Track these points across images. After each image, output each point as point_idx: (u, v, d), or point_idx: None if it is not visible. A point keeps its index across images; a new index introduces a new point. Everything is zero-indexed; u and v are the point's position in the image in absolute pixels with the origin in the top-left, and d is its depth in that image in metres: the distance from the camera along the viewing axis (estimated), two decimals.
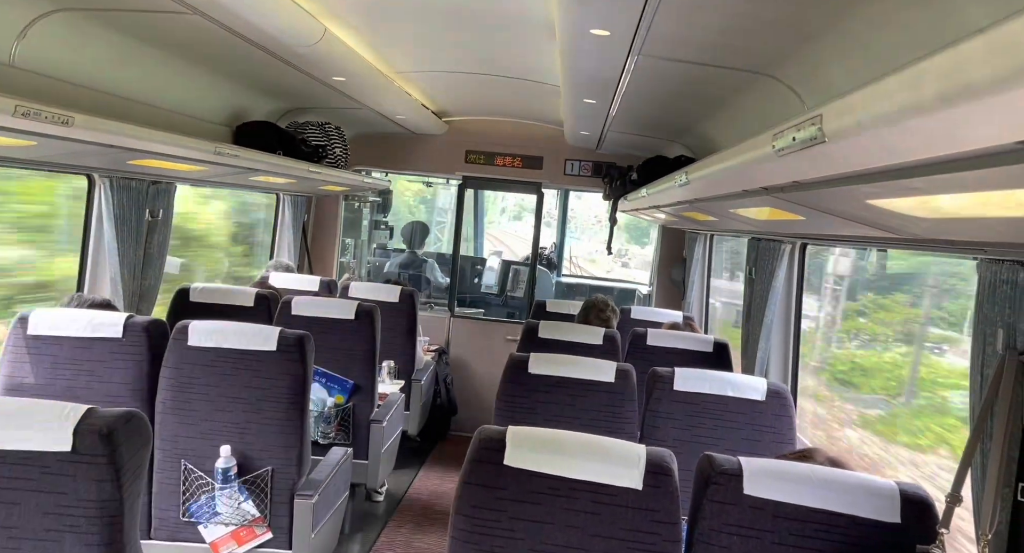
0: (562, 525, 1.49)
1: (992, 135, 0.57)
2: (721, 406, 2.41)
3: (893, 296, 3.48)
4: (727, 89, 2.63)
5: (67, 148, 2.18)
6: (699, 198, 2.15)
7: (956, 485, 1.38)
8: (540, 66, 3.55)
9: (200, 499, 2.43)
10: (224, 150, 2.81)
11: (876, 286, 3.58)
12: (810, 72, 2.00)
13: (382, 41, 3.25)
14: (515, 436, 1.54)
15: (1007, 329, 1.30)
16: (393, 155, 5.56)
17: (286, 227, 5.13)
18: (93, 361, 2.41)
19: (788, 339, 3.10)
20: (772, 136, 1.05)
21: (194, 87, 3.22)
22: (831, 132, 0.80)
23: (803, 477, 1.45)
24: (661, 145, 4.40)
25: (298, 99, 4.08)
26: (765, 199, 1.56)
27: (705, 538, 1.47)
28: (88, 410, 1.44)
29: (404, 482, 4.51)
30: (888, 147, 0.72)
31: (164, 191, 3.33)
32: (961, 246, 1.33)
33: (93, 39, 2.44)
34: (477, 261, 6.88)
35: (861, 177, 0.94)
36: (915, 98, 0.59)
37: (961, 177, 0.73)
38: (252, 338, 2.47)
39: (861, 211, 1.19)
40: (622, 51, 2.30)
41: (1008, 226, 0.89)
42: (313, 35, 2.63)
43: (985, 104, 0.52)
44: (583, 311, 3.69)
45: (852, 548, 1.40)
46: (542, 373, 2.54)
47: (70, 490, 1.40)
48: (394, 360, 4.12)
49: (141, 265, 3.22)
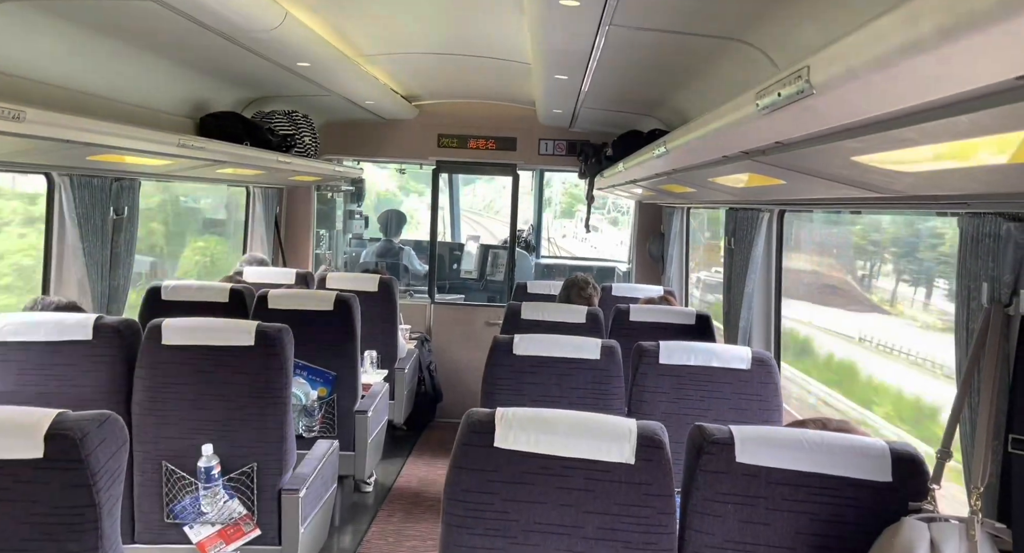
0: (556, 504, 1.48)
1: (991, 71, 0.55)
2: (707, 377, 2.41)
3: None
4: (699, 57, 2.60)
5: (20, 145, 2.08)
6: (678, 168, 2.13)
7: (946, 441, 1.39)
8: (510, 44, 3.49)
9: (184, 500, 2.38)
10: (188, 142, 2.72)
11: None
12: (782, 35, 1.97)
13: (346, 24, 3.16)
14: (504, 418, 1.52)
15: (991, 282, 1.29)
16: (364, 142, 5.47)
17: (258, 220, 5.03)
18: (63, 365, 2.33)
19: (769, 307, 3.11)
20: (756, 95, 1.02)
21: (153, 78, 3.11)
22: (819, 83, 0.78)
23: (794, 442, 1.45)
24: (634, 120, 4.38)
25: (263, 87, 3.97)
26: (746, 164, 1.54)
27: (699, 508, 1.46)
28: (59, 414, 1.38)
29: (392, 471, 4.48)
30: (879, 95, 0.70)
31: (128, 188, 3.23)
32: (944, 201, 1.32)
33: (44, 30, 2.33)
34: (455, 246, 6.83)
35: (848, 132, 0.91)
36: (913, 36, 0.56)
37: (954, 123, 0.70)
38: (229, 334, 2.41)
39: (845, 169, 1.18)
40: (592, 21, 2.26)
41: (993, 175, 0.88)
42: (273, 19, 2.54)
43: (988, 35, 0.49)
44: (564, 290, 3.66)
45: (846, 509, 1.40)
46: (527, 354, 2.53)
47: (44, 498, 1.35)
48: (376, 349, 4.07)
49: (109, 265, 3.12)
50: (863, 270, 3.93)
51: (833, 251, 4.00)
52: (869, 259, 3.85)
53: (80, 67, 2.60)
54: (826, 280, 4.19)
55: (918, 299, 3.42)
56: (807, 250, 4.04)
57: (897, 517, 1.31)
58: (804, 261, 4.08)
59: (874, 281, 3.88)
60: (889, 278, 3.70)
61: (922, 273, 3.31)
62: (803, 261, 4.05)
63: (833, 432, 1.50)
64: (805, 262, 4.08)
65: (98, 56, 2.66)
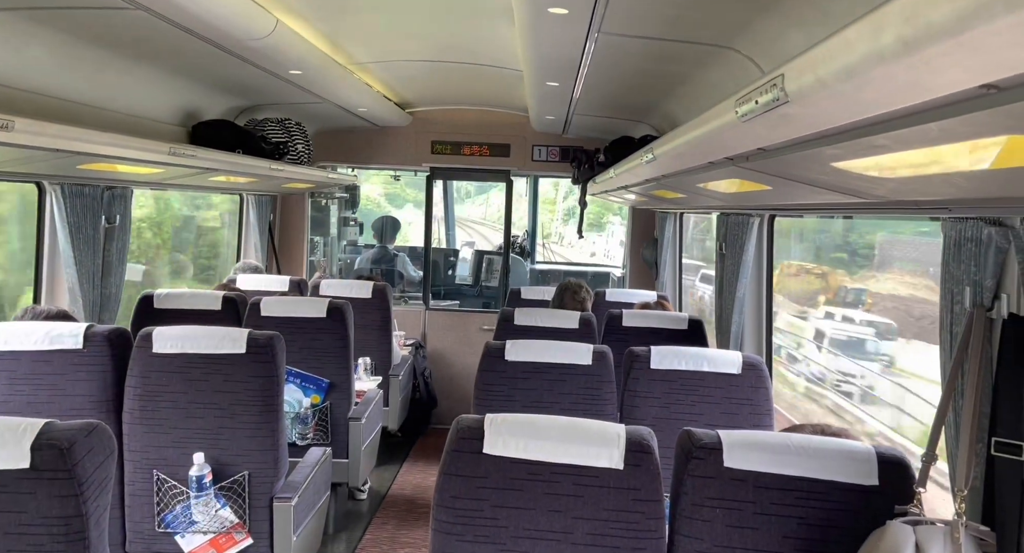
0: (545, 510, 1.48)
1: (956, 80, 0.55)
2: (698, 381, 2.42)
3: None
4: (688, 64, 2.61)
5: (10, 154, 2.08)
6: (666, 174, 2.14)
7: (931, 444, 1.39)
8: (502, 51, 3.50)
9: (175, 509, 2.37)
10: (179, 150, 2.73)
11: None
12: (769, 41, 1.99)
13: (338, 31, 3.18)
14: (493, 423, 1.52)
15: (973, 286, 1.30)
16: (358, 150, 5.48)
17: (251, 228, 5.03)
18: (54, 374, 2.33)
19: (760, 311, 3.12)
20: (735, 102, 1.03)
21: (145, 88, 3.12)
22: (793, 92, 0.79)
23: (781, 446, 1.45)
24: (626, 126, 4.39)
25: (255, 95, 3.98)
26: (731, 170, 1.55)
27: (688, 513, 1.46)
28: (46, 424, 1.38)
29: (387, 478, 4.47)
30: (850, 103, 0.71)
31: (120, 196, 3.23)
32: (926, 207, 1.33)
33: (33, 40, 2.33)
34: (450, 253, 6.83)
35: (825, 139, 0.92)
36: (876, 46, 0.57)
37: (925, 130, 0.71)
38: (220, 341, 2.41)
39: (826, 175, 1.19)
40: (582, 29, 2.27)
41: (972, 180, 0.89)
42: (264, 27, 2.55)
43: (947, 46, 0.50)
44: (558, 295, 3.68)
45: (833, 513, 1.40)
46: (519, 360, 2.53)
47: (31, 508, 1.34)
48: (370, 356, 4.07)
49: (100, 273, 3.12)
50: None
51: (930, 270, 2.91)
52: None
53: (71, 77, 2.60)
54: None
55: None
56: (902, 268, 3.07)
57: (884, 521, 1.31)
58: (905, 283, 3.12)
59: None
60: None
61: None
62: (903, 283, 3.10)
63: (821, 436, 1.51)
64: (906, 285, 3.10)
65: (89, 65, 2.66)
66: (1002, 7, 0.44)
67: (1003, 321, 1.29)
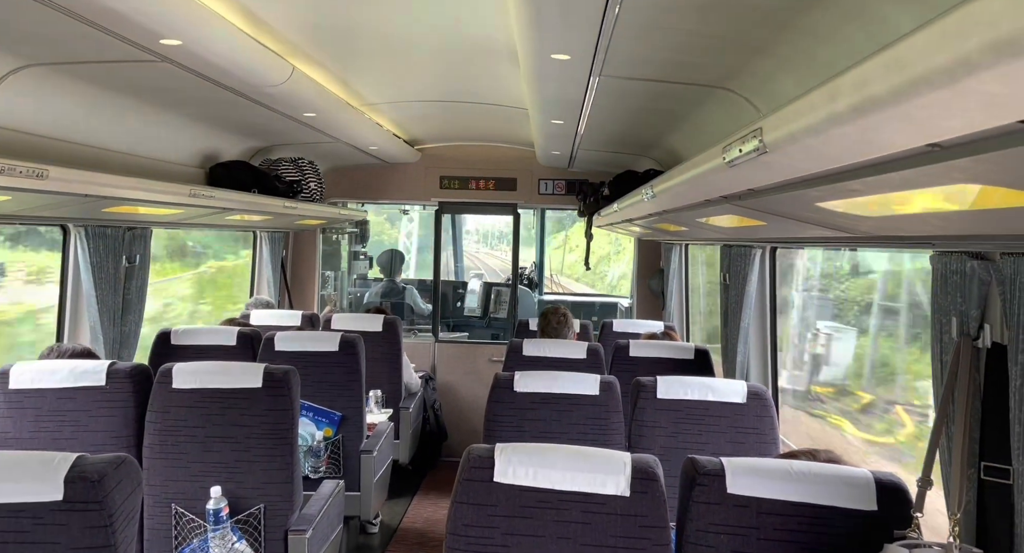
0: (554, 537, 1.52)
1: (902, 141, 0.63)
2: (704, 411, 2.46)
3: None
4: (687, 103, 2.72)
5: (41, 200, 2.19)
6: (666, 210, 2.22)
7: (926, 469, 1.44)
8: (507, 91, 3.63)
9: (192, 542, 2.42)
10: (199, 192, 2.84)
11: None
12: (761, 84, 2.09)
13: (350, 75, 3.31)
14: (503, 452, 1.57)
15: (959, 317, 1.36)
16: (368, 185, 5.61)
17: (264, 264, 5.14)
18: (77, 411, 2.40)
19: (765, 341, 3.16)
20: (722, 149, 1.12)
21: (166, 133, 3.26)
22: (771, 143, 0.86)
23: (782, 473, 1.50)
24: (630, 160, 4.50)
25: (270, 137, 4.13)
26: (726, 207, 1.63)
27: (694, 539, 1.50)
28: (78, 457, 1.44)
29: (398, 512, 4.48)
30: (819, 154, 0.78)
31: (140, 236, 3.34)
32: (910, 241, 1.40)
33: (64, 92, 2.47)
34: (459, 285, 6.92)
35: (805, 182, 1.00)
36: (833, 110, 0.65)
37: (888, 178, 0.79)
38: (237, 376, 2.48)
39: (812, 213, 1.26)
40: (583, 73, 2.39)
41: (942, 220, 0.96)
42: (281, 74, 2.68)
43: (888, 114, 0.58)
44: (542, 320, 3.87)
45: (834, 537, 1.44)
46: (528, 391, 2.58)
47: (64, 539, 1.40)
48: (381, 389, 4.12)
49: (120, 311, 3.21)
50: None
51: None
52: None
53: (97, 125, 2.74)
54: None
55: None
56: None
57: (883, 545, 1.35)
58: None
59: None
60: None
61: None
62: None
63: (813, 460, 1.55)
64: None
65: (115, 114, 2.80)
66: (931, 85, 0.52)
67: (987, 350, 1.34)
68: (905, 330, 3.34)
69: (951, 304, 1.39)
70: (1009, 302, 1.20)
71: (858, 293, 3.71)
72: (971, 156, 0.61)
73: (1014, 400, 1.20)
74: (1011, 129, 0.55)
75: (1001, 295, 1.23)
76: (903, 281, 3.26)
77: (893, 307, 3.40)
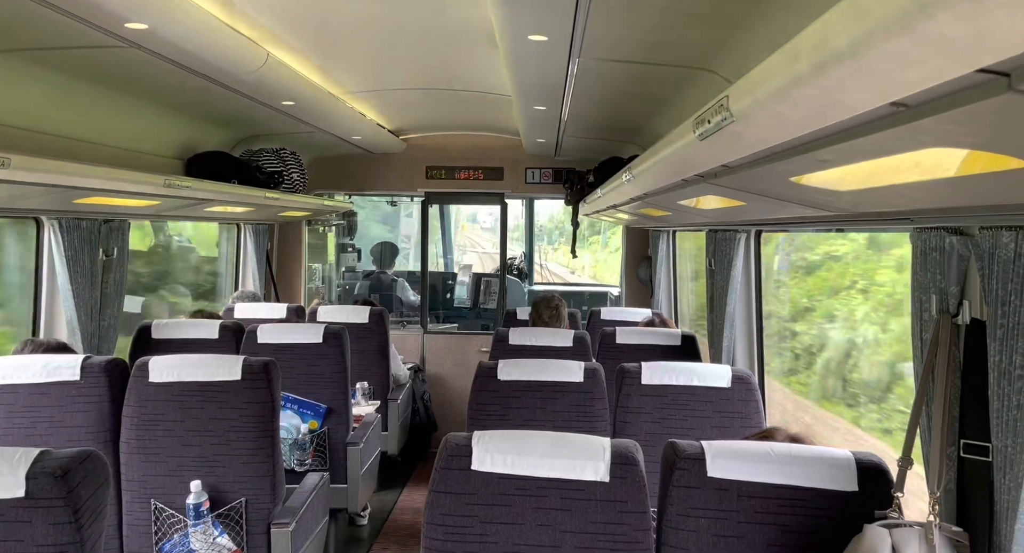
0: (533, 524, 1.50)
1: (865, 100, 0.60)
2: (689, 396, 2.44)
3: None
4: (669, 86, 2.69)
5: (7, 191, 2.14)
6: (647, 192, 2.19)
7: (906, 448, 1.42)
8: (491, 77, 3.59)
9: (173, 538, 2.39)
10: (174, 182, 2.79)
11: None
12: (742, 63, 2.05)
13: (328, 62, 3.26)
14: (481, 440, 1.55)
15: (939, 294, 1.34)
16: (353, 177, 5.56)
17: (249, 257, 5.08)
18: (51, 406, 2.36)
19: (751, 326, 3.15)
20: (693, 123, 1.08)
21: (140, 122, 3.20)
22: (737, 112, 0.83)
23: (763, 455, 1.48)
24: (616, 147, 4.47)
25: (249, 127, 4.06)
26: (704, 187, 1.60)
27: (674, 524, 1.48)
28: (40, 453, 1.41)
29: (388, 503, 4.47)
30: (785, 122, 0.75)
31: (117, 229, 3.28)
32: (890, 218, 1.37)
33: (30, 80, 2.41)
34: (448, 276, 6.88)
35: (776, 155, 0.97)
36: (794, 71, 0.62)
37: (857, 145, 0.76)
38: (215, 369, 2.44)
39: (788, 190, 1.23)
40: (562, 55, 2.35)
41: (916, 191, 0.93)
42: (255, 61, 2.63)
43: (849, 69, 0.55)
44: (534, 310, 3.82)
45: (815, 519, 1.42)
46: (511, 379, 2.55)
47: (27, 537, 1.37)
48: (368, 381, 4.09)
49: (98, 306, 3.16)
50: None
51: None
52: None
53: (67, 113, 2.68)
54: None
55: None
56: None
57: (863, 525, 1.33)
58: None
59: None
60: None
61: None
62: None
63: (799, 444, 1.53)
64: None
65: (85, 102, 2.74)
66: (889, 33, 0.49)
67: (966, 326, 1.32)
68: None
69: (931, 281, 1.37)
70: (988, 277, 1.18)
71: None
72: (934, 114, 0.59)
73: (993, 376, 1.19)
74: (971, 81, 0.52)
75: (980, 270, 1.21)
76: None
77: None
